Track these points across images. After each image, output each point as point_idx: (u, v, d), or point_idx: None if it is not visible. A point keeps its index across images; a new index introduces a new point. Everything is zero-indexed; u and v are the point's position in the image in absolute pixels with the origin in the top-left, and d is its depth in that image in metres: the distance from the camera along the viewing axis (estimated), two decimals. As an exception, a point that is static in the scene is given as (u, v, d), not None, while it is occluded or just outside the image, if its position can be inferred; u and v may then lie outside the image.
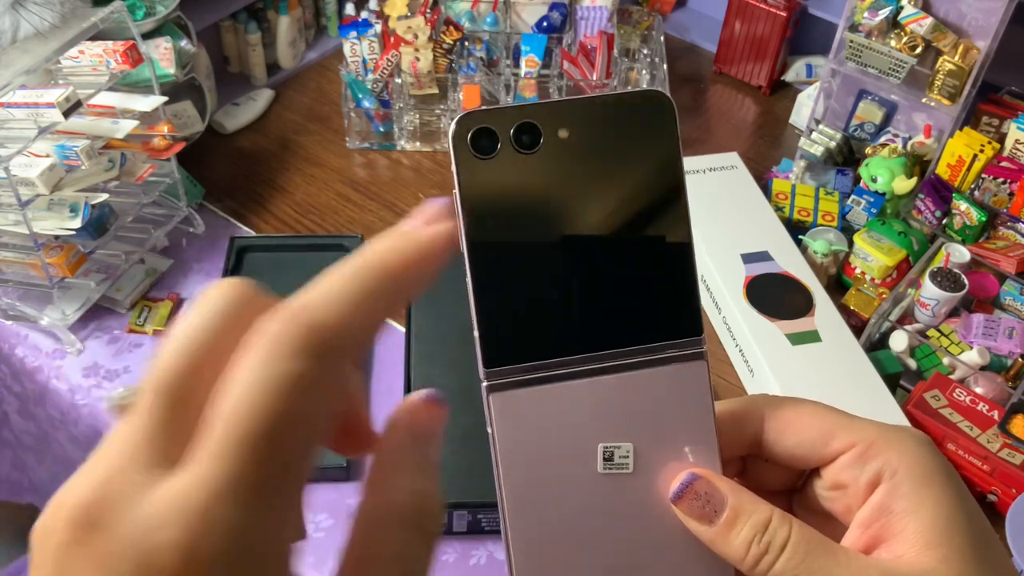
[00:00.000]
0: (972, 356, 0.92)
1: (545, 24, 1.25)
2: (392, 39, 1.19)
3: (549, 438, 0.31)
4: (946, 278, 0.96)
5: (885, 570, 0.29)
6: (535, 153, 0.31)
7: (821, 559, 0.30)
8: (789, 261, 1.00)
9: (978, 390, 0.89)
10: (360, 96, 1.20)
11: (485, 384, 0.31)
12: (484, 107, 0.31)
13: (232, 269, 1.03)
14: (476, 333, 0.31)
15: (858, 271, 1.04)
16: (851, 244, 1.05)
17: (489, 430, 0.31)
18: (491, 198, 0.31)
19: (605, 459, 0.31)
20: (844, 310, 0.99)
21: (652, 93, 0.32)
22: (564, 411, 0.31)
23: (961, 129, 1.07)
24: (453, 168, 0.30)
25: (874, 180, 1.07)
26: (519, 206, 0.31)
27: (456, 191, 0.30)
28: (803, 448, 0.33)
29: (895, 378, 0.93)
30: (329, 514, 0.85)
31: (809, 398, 0.34)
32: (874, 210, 1.08)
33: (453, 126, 0.30)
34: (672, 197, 0.32)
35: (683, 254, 0.32)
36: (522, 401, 0.28)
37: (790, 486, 0.35)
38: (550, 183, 0.31)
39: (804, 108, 1.27)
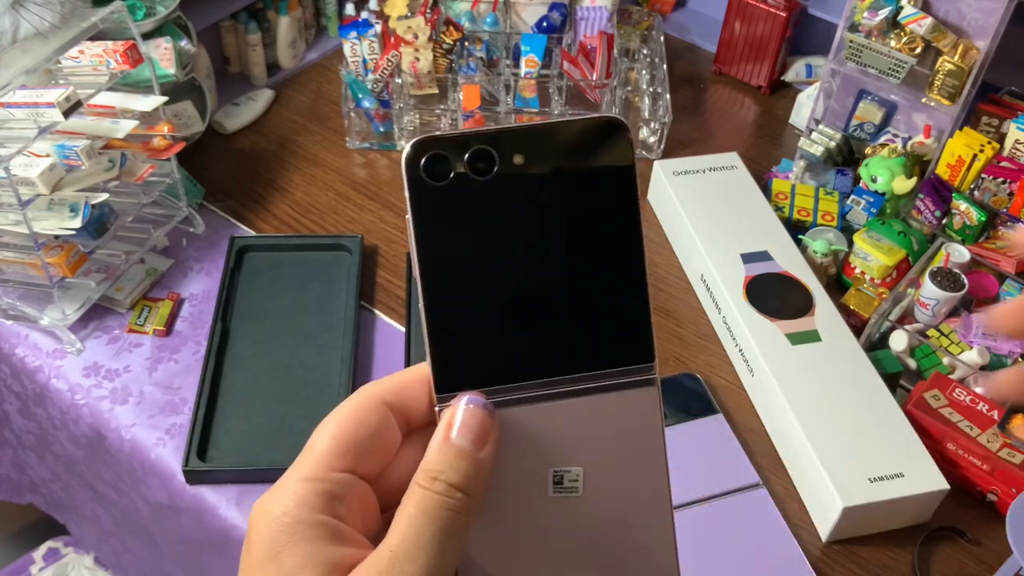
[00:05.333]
0: (972, 356, 0.92)
1: (545, 24, 1.25)
2: (392, 39, 1.19)
3: (500, 462, 0.31)
4: (946, 278, 0.96)
5: None
6: (489, 179, 0.31)
7: None
8: (789, 261, 1.00)
9: (978, 390, 0.89)
10: (360, 96, 1.20)
11: (438, 409, 0.31)
12: (439, 133, 0.31)
13: (232, 269, 1.03)
14: (428, 359, 0.31)
15: (858, 271, 1.04)
16: (851, 244, 1.05)
17: None
18: (445, 224, 0.31)
19: (555, 483, 0.32)
20: (844, 310, 0.99)
21: (606, 119, 0.32)
22: (516, 436, 0.31)
23: (961, 129, 1.07)
24: (406, 193, 0.30)
25: (874, 180, 1.07)
26: (473, 232, 0.31)
27: (409, 216, 0.30)
28: None
29: (895, 378, 0.93)
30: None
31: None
32: (874, 210, 1.08)
33: (406, 151, 0.30)
34: (627, 223, 0.32)
35: (637, 280, 0.32)
36: None
37: None
38: (504, 209, 0.31)
39: (804, 108, 1.28)
